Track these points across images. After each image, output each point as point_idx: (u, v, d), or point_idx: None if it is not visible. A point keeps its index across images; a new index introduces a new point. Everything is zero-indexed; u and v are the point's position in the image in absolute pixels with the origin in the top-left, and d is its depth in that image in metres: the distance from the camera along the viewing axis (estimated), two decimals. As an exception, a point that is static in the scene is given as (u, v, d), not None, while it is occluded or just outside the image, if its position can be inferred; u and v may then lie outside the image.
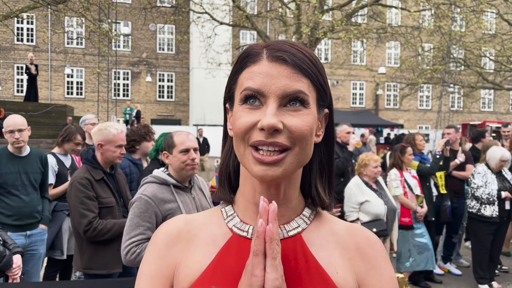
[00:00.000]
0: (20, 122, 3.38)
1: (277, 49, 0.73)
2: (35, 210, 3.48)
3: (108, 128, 2.98)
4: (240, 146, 0.73)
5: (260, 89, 0.71)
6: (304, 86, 0.72)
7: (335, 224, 0.83)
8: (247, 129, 0.71)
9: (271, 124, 0.68)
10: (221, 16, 14.67)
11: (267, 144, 0.70)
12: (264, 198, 0.68)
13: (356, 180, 4.44)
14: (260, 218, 0.66)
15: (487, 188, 4.84)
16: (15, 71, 25.55)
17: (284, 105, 0.72)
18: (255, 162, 0.71)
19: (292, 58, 0.73)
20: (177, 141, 2.47)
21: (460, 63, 17.77)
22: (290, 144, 0.71)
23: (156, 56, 27.55)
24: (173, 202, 2.39)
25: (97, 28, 12.19)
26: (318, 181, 0.82)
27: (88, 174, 2.88)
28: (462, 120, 26.87)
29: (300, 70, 0.73)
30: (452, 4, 13.72)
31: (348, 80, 29.41)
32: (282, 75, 0.72)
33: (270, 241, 0.65)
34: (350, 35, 12.91)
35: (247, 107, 0.72)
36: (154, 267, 0.79)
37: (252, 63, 0.74)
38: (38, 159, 3.53)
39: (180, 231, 0.82)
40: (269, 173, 0.71)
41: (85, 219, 2.74)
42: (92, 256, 2.81)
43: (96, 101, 24.34)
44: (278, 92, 0.71)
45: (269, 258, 0.65)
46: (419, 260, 4.69)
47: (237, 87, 0.76)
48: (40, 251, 3.54)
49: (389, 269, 0.80)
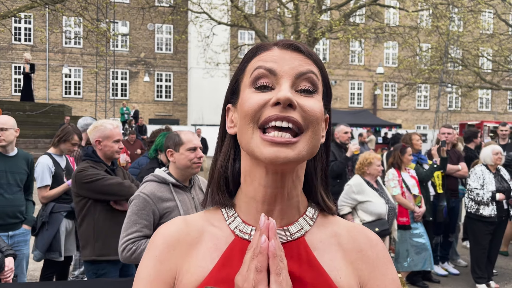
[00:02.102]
0: (3, 121, 3.35)
1: (288, 41, 0.75)
2: (18, 210, 3.44)
3: (103, 124, 3.04)
4: (249, 128, 0.70)
5: (273, 67, 0.71)
6: (315, 70, 0.74)
7: (337, 225, 0.82)
8: (259, 107, 0.69)
9: (287, 96, 0.67)
10: (219, 16, 14.65)
11: (281, 118, 0.68)
12: (264, 214, 0.68)
13: (357, 179, 4.38)
14: (261, 234, 0.66)
15: (483, 189, 4.84)
16: (13, 70, 25.49)
17: (296, 88, 0.71)
18: (266, 144, 0.68)
19: (304, 47, 0.75)
20: (185, 139, 2.49)
21: (458, 63, 17.80)
22: (304, 123, 0.69)
23: (154, 56, 27.52)
24: (171, 201, 2.41)
25: (95, 28, 12.17)
26: (321, 187, 0.81)
27: (90, 164, 2.96)
28: (460, 120, 26.95)
29: (312, 59, 0.74)
30: (450, 4, 13.75)
31: (346, 80, 29.43)
32: (295, 58, 0.73)
33: (273, 257, 0.64)
34: (348, 35, 12.92)
35: (258, 91, 0.71)
36: (153, 271, 0.77)
37: (263, 51, 0.75)
38: (24, 161, 3.50)
39: (180, 234, 0.80)
40: (281, 155, 0.67)
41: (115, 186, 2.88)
42: (106, 242, 2.85)
43: (94, 101, 24.31)
44: (291, 72, 0.71)
45: (273, 274, 0.64)
46: (417, 260, 4.69)
47: (246, 74, 0.75)
48: (24, 251, 3.50)
49: (391, 271, 0.79)
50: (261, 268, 0.64)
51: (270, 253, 0.64)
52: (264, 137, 0.68)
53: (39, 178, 3.78)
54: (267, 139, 0.68)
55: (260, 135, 0.69)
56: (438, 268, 5.55)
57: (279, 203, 0.76)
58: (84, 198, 2.94)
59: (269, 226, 0.66)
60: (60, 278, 4.06)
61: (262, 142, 0.68)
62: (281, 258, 0.65)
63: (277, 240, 0.66)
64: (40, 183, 3.78)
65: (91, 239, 2.91)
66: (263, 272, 0.64)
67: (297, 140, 0.68)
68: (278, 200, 0.76)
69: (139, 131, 15.54)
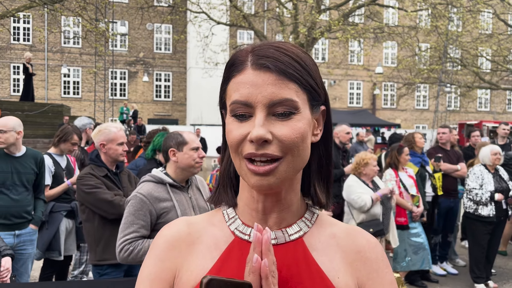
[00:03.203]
0: (2, 123, 3.34)
1: (261, 56, 0.72)
2: (24, 210, 3.44)
3: (108, 127, 3.07)
4: (236, 159, 0.74)
5: (247, 100, 0.70)
6: (291, 92, 0.71)
7: (336, 227, 0.83)
8: (238, 142, 0.72)
9: (259, 135, 0.68)
10: (218, 16, 14.65)
11: (258, 155, 0.70)
12: (258, 225, 0.69)
13: (353, 178, 4.38)
14: (253, 249, 0.67)
15: (482, 189, 4.85)
16: (12, 70, 25.46)
17: (272, 113, 0.71)
18: (251, 174, 0.72)
19: (276, 64, 0.71)
20: (188, 138, 2.52)
21: (456, 63, 17.83)
22: (281, 153, 0.71)
23: (153, 56, 27.50)
24: (168, 201, 2.42)
25: (94, 28, 12.17)
26: (316, 180, 0.82)
27: (91, 171, 3.00)
28: (458, 119, 26.98)
29: (286, 76, 0.71)
30: (449, 4, 13.77)
31: (345, 80, 29.44)
32: (267, 83, 0.70)
33: (265, 278, 0.65)
34: (347, 35, 12.92)
35: (237, 120, 0.72)
36: (154, 270, 0.79)
37: (237, 72, 0.73)
38: (33, 160, 3.50)
39: (181, 234, 0.81)
40: (264, 183, 0.71)
41: (108, 198, 2.88)
42: (106, 246, 2.87)
43: (93, 101, 24.30)
44: (264, 102, 0.70)
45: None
46: (415, 259, 4.70)
47: (227, 97, 0.76)
48: (29, 251, 3.50)
49: (389, 273, 0.80)
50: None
51: (262, 274, 0.65)
52: (249, 166, 0.71)
53: None
54: (251, 169, 0.71)
55: (246, 164, 0.72)
56: (436, 267, 5.56)
57: (275, 212, 0.78)
58: (83, 204, 2.98)
59: (263, 239, 0.67)
60: (59, 278, 4.06)
61: (248, 171, 0.72)
62: (274, 273, 0.67)
63: (271, 253, 0.67)
64: None
65: (93, 244, 2.93)
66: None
67: (275, 166, 0.70)
68: (274, 209, 0.78)
69: (138, 131, 15.54)
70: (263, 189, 0.72)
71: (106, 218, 2.92)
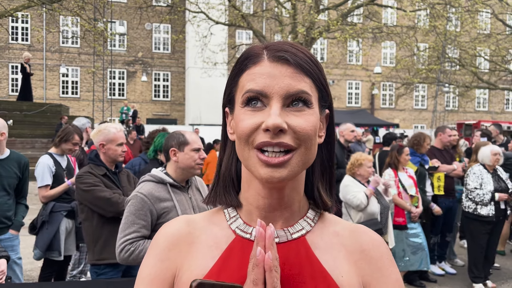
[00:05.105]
0: None
1: (278, 50, 0.73)
2: (3, 216, 3.33)
3: (107, 128, 3.09)
4: (244, 150, 0.72)
5: (263, 90, 0.71)
6: (306, 86, 0.72)
7: (339, 226, 0.82)
8: (251, 131, 0.71)
9: (276, 124, 0.68)
10: (216, 16, 14.64)
11: (273, 144, 0.69)
12: (261, 221, 0.68)
13: (348, 178, 4.36)
14: (257, 244, 0.66)
15: (482, 189, 4.86)
16: (10, 70, 25.40)
17: (287, 105, 0.71)
18: (261, 165, 0.70)
19: (294, 57, 0.72)
20: (190, 139, 2.50)
21: (455, 63, 17.84)
22: (296, 144, 0.70)
23: (151, 56, 27.47)
24: (169, 201, 2.41)
25: (92, 27, 12.16)
26: (320, 183, 0.82)
27: (90, 169, 3.02)
28: (457, 119, 26.99)
29: (302, 70, 0.72)
30: (447, 4, 13.79)
31: (344, 80, 29.46)
32: (285, 75, 0.71)
33: (269, 270, 0.65)
34: (346, 34, 12.93)
35: (250, 109, 0.72)
36: (154, 270, 0.78)
37: (253, 64, 0.74)
38: (16, 164, 3.41)
39: (181, 233, 0.81)
40: (276, 175, 0.70)
41: (107, 195, 2.89)
42: (104, 245, 2.87)
43: (91, 101, 24.28)
44: (281, 93, 0.70)
45: (269, 287, 0.65)
46: (413, 260, 4.70)
47: (238, 89, 0.75)
48: (11, 257, 3.41)
49: (395, 272, 0.79)
50: (257, 281, 0.65)
51: (266, 266, 0.64)
52: (261, 157, 0.70)
53: (39, 178, 3.78)
54: (262, 160, 0.70)
55: (257, 154, 0.70)
56: (435, 267, 5.57)
57: (278, 210, 0.77)
58: (82, 203, 2.99)
59: (266, 235, 0.66)
60: (58, 278, 4.06)
61: (259, 161, 0.70)
62: (276, 268, 0.66)
63: (274, 249, 0.67)
64: (40, 182, 3.78)
65: (91, 244, 2.93)
66: (259, 285, 0.65)
67: (289, 157, 0.70)
68: (277, 208, 0.77)
69: (137, 131, 15.53)
70: (273, 182, 0.70)
71: (105, 217, 2.92)
